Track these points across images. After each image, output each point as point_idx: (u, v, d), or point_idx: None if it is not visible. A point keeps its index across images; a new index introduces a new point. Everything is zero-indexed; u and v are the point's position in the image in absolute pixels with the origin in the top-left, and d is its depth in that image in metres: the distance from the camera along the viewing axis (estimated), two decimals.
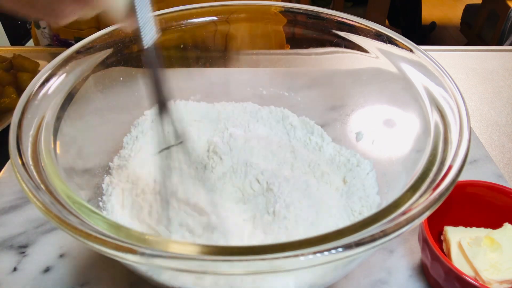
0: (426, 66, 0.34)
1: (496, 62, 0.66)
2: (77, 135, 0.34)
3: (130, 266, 0.28)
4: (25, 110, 0.29)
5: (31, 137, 0.28)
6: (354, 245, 0.21)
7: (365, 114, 0.42)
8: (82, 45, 0.36)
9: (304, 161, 0.40)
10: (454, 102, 0.30)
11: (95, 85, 0.37)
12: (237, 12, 0.43)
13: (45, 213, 0.23)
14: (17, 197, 0.41)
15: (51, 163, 0.27)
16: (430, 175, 0.25)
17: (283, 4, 0.43)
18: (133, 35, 0.39)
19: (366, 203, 0.36)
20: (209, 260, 0.20)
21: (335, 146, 0.43)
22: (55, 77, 0.32)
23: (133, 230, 0.22)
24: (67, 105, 0.32)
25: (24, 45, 1.49)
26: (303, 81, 0.48)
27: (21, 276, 0.35)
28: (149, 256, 0.20)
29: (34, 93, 0.30)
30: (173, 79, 0.47)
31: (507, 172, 0.46)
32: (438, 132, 0.28)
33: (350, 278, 0.35)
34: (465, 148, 0.26)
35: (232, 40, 0.46)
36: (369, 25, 0.39)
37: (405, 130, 0.35)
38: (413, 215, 0.22)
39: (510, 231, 0.33)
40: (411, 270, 0.35)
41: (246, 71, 0.49)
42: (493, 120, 0.54)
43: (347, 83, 0.44)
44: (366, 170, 0.39)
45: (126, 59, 0.40)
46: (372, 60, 0.38)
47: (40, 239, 0.37)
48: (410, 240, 0.38)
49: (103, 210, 0.35)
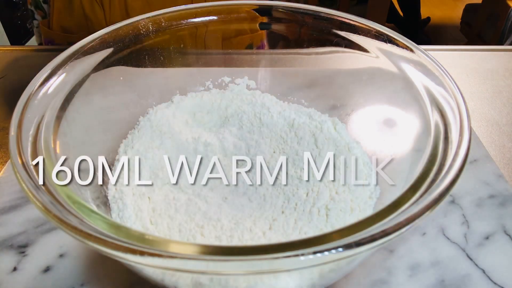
0: (426, 65, 0.34)
1: (496, 61, 0.66)
2: (77, 135, 0.34)
3: (130, 266, 0.28)
4: (25, 110, 0.29)
5: (31, 137, 0.28)
6: (354, 245, 0.21)
7: (365, 113, 0.42)
8: (82, 45, 0.36)
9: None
10: (455, 102, 0.30)
11: (95, 85, 0.37)
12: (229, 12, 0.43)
13: (45, 213, 0.23)
14: (17, 197, 0.41)
15: (51, 163, 0.27)
16: (430, 175, 0.25)
17: (279, 3, 0.43)
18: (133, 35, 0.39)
19: (365, 203, 0.36)
20: (209, 260, 0.20)
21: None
22: (55, 77, 0.32)
23: (133, 230, 0.22)
24: (67, 105, 0.32)
25: (24, 45, 1.49)
26: (303, 81, 0.48)
27: (21, 276, 0.35)
28: (149, 256, 0.20)
29: (34, 93, 0.30)
30: (173, 78, 0.47)
31: (507, 172, 0.46)
32: (439, 132, 0.28)
33: (350, 278, 0.35)
34: (465, 148, 0.26)
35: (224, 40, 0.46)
36: (369, 25, 0.39)
37: (405, 129, 0.35)
38: (413, 215, 0.22)
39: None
40: (411, 270, 0.35)
41: (246, 71, 0.48)
42: (493, 120, 0.54)
43: (347, 83, 0.44)
44: (366, 169, 0.39)
45: (126, 59, 0.40)
46: (372, 59, 0.38)
47: (40, 239, 0.37)
48: (410, 240, 0.38)
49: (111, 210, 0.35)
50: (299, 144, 0.42)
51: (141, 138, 0.41)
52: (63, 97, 0.32)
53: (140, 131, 0.42)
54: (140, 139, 0.41)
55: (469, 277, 0.35)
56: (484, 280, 0.34)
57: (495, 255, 0.36)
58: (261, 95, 0.47)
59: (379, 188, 0.37)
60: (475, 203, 0.41)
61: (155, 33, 0.41)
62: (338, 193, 0.37)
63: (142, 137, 0.41)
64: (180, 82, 0.47)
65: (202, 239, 0.33)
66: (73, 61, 0.34)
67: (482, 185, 0.43)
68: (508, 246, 0.37)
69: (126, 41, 0.39)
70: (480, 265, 0.35)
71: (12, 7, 1.42)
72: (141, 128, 0.42)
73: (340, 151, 0.40)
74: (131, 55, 0.40)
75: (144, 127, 0.42)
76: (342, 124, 0.43)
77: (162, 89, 0.46)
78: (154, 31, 0.41)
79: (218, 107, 0.46)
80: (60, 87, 0.32)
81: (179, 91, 0.47)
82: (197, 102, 0.46)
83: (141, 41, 0.41)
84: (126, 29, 0.39)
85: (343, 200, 0.36)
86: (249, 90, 0.48)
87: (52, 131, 0.29)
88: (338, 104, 0.45)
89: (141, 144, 0.40)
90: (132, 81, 0.43)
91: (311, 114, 0.45)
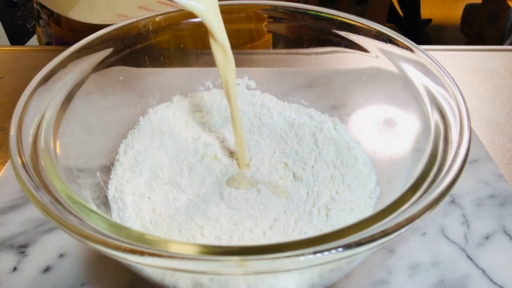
0: (426, 65, 0.34)
1: (496, 62, 0.66)
2: (77, 135, 0.34)
3: (130, 266, 0.28)
4: (25, 110, 0.29)
5: (31, 137, 0.28)
6: (354, 245, 0.20)
7: (365, 113, 0.42)
8: (82, 45, 0.36)
9: (304, 160, 0.40)
10: (455, 102, 0.30)
11: (95, 85, 0.37)
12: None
13: (45, 213, 0.22)
14: (17, 197, 0.41)
15: (51, 163, 0.27)
16: (430, 175, 0.25)
17: (279, 3, 0.43)
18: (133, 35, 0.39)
19: (365, 203, 0.36)
20: (209, 260, 0.20)
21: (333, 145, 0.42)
22: (55, 76, 0.32)
23: (133, 230, 0.22)
24: (67, 105, 0.32)
25: (24, 44, 1.49)
26: (303, 81, 0.48)
27: (21, 276, 0.35)
28: (149, 256, 0.20)
29: (34, 93, 0.30)
30: (173, 78, 0.47)
31: (507, 172, 0.46)
32: (439, 132, 0.28)
33: (350, 278, 0.35)
34: (465, 148, 0.26)
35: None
36: (369, 25, 0.39)
37: (405, 129, 0.35)
38: (413, 215, 0.22)
39: None
40: (411, 270, 0.35)
41: (246, 71, 0.49)
42: (493, 119, 0.54)
43: (347, 83, 0.44)
44: (366, 169, 0.39)
45: (126, 59, 0.40)
46: (372, 59, 0.38)
47: (40, 239, 0.37)
48: (410, 240, 0.38)
49: (111, 210, 0.35)
50: (299, 144, 0.42)
51: (141, 138, 0.41)
52: (63, 97, 0.32)
53: (140, 131, 0.42)
54: (140, 139, 0.41)
55: (469, 277, 0.35)
56: (484, 280, 0.34)
57: (495, 255, 0.36)
58: (261, 95, 0.47)
59: (379, 188, 0.37)
60: (475, 203, 0.41)
61: (155, 33, 0.41)
62: (338, 193, 0.37)
63: (142, 137, 0.41)
64: (180, 82, 0.47)
65: (202, 239, 0.33)
66: (73, 61, 0.34)
67: (482, 185, 0.43)
68: (508, 246, 0.37)
69: (126, 41, 0.39)
70: (480, 265, 0.35)
71: (12, 7, 1.42)
72: (141, 128, 0.42)
73: (340, 151, 0.40)
74: (131, 55, 0.40)
75: (144, 127, 0.42)
76: (342, 124, 0.43)
77: (162, 89, 0.46)
78: (154, 31, 0.41)
79: (218, 107, 0.46)
80: (60, 87, 0.32)
81: (179, 91, 0.47)
82: (197, 102, 0.46)
83: (141, 41, 0.41)
84: (126, 29, 0.39)
85: (343, 200, 0.36)
86: (249, 90, 0.48)
87: (52, 131, 0.29)
88: (338, 104, 0.45)
89: (141, 144, 0.40)
90: (132, 81, 0.43)
91: (311, 114, 0.45)
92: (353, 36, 0.40)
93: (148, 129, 0.42)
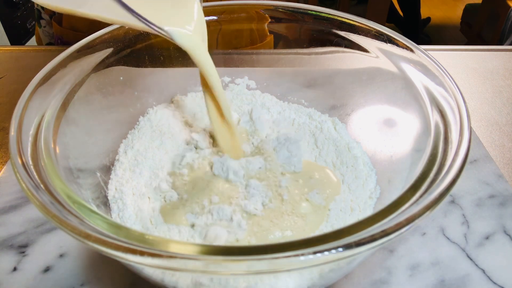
0: (426, 65, 0.34)
1: (496, 62, 0.66)
2: (77, 135, 0.34)
3: (130, 266, 0.28)
4: (25, 110, 0.29)
5: (31, 137, 0.28)
6: (354, 245, 0.20)
7: (365, 113, 0.42)
8: (82, 45, 0.36)
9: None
10: (455, 102, 0.30)
11: (95, 85, 0.37)
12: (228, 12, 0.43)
13: (45, 213, 0.22)
14: (17, 197, 0.41)
15: (51, 163, 0.27)
16: (430, 175, 0.25)
17: (278, 3, 0.43)
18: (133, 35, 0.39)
19: (365, 203, 0.36)
20: (209, 260, 0.20)
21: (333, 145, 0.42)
22: (55, 76, 0.32)
23: (133, 230, 0.22)
24: (67, 105, 0.32)
25: (24, 44, 1.49)
26: (303, 81, 0.48)
27: (21, 276, 0.35)
28: (149, 256, 0.20)
29: (34, 93, 0.30)
30: (173, 78, 0.47)
31: (507, 172, 0.46)
32: (439, 132, 0.28)
33: (350, 278, 0.35)
34: (465, 148, 0.26)
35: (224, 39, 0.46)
36: (369, 25, 0.39)
37: (405, 129, 0.35)
38: (413, 215, 0.22)
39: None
40: (411, 270, 0.35)
41: (246, 71, 0.48)
42: (493, 120, 0.54)
43: (347, 83, 0.44)
44: (366, 169, 0.39)
45: (126, 59, 0.40)
46: (372, 59, 0.38)
47: (40, 239, 0.37)
48: (410, 240, 0.38)
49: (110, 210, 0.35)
50: None
51: (141, 138, 0.41)
52: (63, 97, 0.32)
53: (140, 131, 0.42)
54: (140, 139, 0.41)
55: (469, 277, 0.35)
56: (484, 280, 0.34)
57: (495, 255, 0.36)
58: (261, 95, 0.47)
59: (379, 188, 0.37)
60: (475, 203, 0.41)
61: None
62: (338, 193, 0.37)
63: (142, 137, 0.41)
64: (180, 82, 0.47)
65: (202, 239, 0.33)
66: (73, 61, 0.34)
67: (482, 185, 0.43)
68: (508, 246, 0.37)
69: (126, 41, 0.39)
70: (480, 265, 0.35)
71: (12, 7, 1.42)
72: (141, 128, 0.42)
73: (340, 151, 0.40)
74: (131, 55, 0.40)
75: (144, 127, 0.42)
76: (342, 124, 0.43)
77: (162, 89, 0.46)
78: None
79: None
80: (60, 87, 0.32)
81: (179, 91, 0.47)
82: (197, 102, 0.46)
83: (141, 41, 0.41)
84: (126, 29, 0.39)
85: (343, 200, 0.36)
86: (249, 90, 0.48)
87: (52, 131, 0.29)
88: (338, 104, 0.45)
89: (141, 144, 0.40)
90: (132, 81, 0.43)
91: (311, 114, 0.45)
92: (353, 36, 0.40)
93: (148, 129, 0.42)
